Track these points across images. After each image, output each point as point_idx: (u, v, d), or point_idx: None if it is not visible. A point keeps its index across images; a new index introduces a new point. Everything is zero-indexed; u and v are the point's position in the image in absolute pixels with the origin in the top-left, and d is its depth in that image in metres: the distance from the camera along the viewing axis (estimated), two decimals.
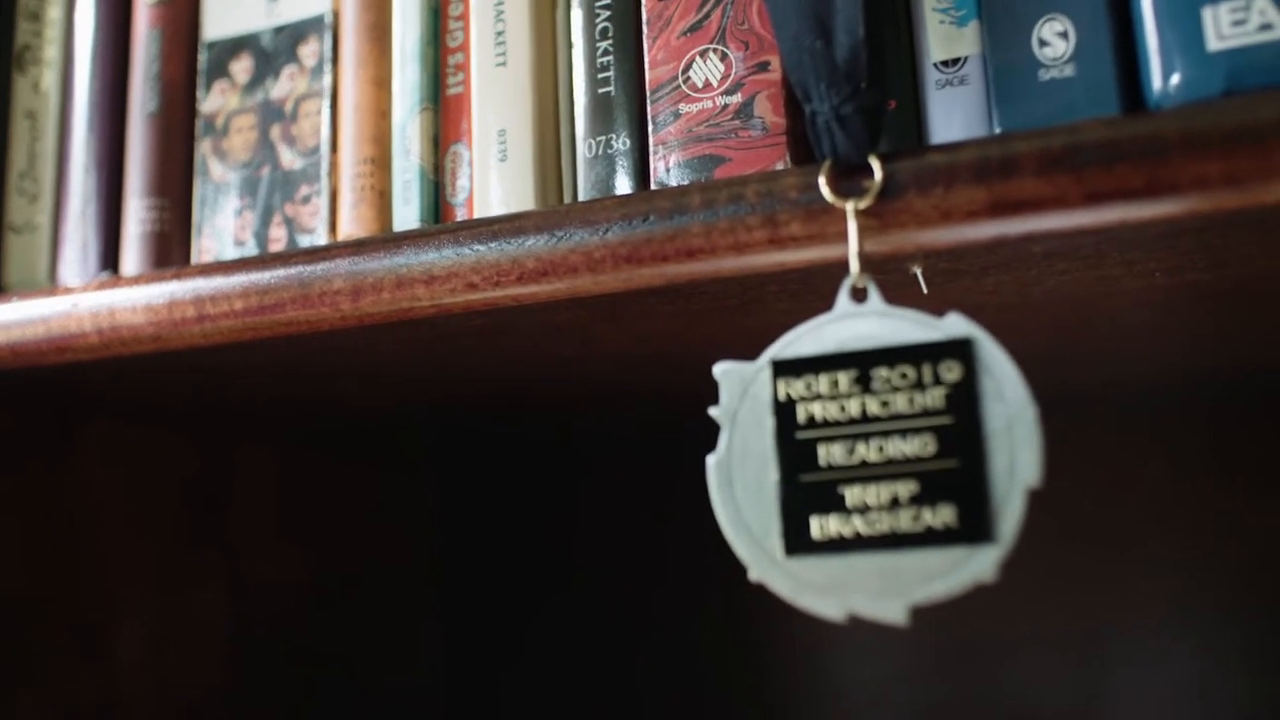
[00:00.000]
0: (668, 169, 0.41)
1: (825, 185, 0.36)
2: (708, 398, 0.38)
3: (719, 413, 0.37)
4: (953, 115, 0.39)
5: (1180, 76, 0.35)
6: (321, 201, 0.48)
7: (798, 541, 0.35)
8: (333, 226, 0.48)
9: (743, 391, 0.37)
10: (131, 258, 0.51)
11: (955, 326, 0.35)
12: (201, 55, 0.52)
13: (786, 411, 0.36)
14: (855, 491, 0.35)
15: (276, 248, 0.49)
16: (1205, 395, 0.75)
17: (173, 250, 0.51)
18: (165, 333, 0.46)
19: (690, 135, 0.41)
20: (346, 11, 0.49)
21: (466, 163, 0.46)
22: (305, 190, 0.49)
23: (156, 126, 0.52)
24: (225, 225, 0.50)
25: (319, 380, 0.62)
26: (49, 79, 0.55)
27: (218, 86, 0.52)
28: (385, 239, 0.43)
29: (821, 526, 0.35)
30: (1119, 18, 0.37)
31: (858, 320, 0.36)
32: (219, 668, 0.71)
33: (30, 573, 0.60)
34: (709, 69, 0.41)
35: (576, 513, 0.93)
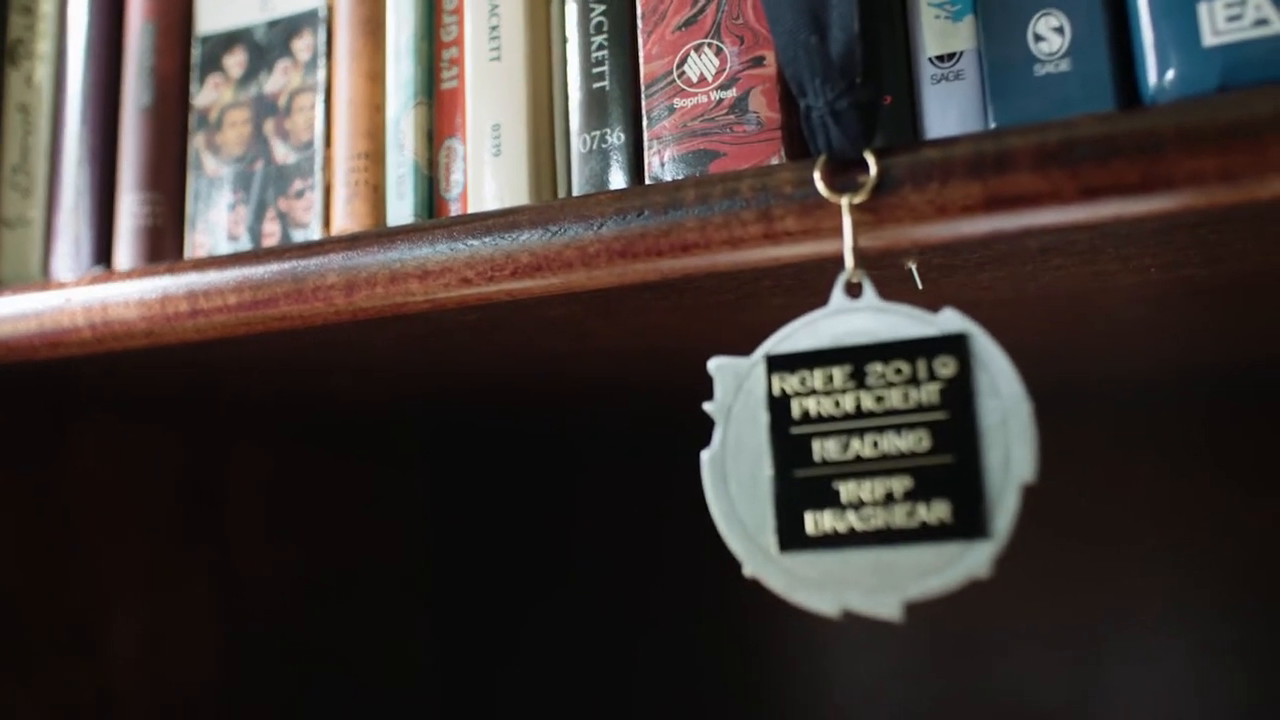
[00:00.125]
0: (662, 164, 0.41)
1: (820, 180, 0.36)
2: (702, 393, 0.38)
3: (713, 408, 0.37)
4: (948, 110, 0.39)
5: (1175, 72, 0.35)
6: (315, 196, 0.48)
7: (792, 537, 0.35)
8: (326, 221, 0.48)
9: (737, 387, 0.37)
10: (124, 252, 0.51)
11: (950, 322, 0.35)
12: (195, 49, 0.52)
13: (781, 407, 0.36)
14: (850, 487, 0.35)
15: (270, 242, 0.49)
16: (1201, 391, 0.75)
17: (166, 245, 0.51)
18: (158, 327, 0.46)
19: (685, 130, 0.41)
20: (340, 6, 0.49)
21: (461, 157, 0.46)
22: (299, 185, 0.49)
23: (150, 120, 0.52)
24: (219, 220, 0.50)
25: (313, 375, 0.62)
26: (42, 73, 0.55)
27: (211, 80, 0.51)
28: (379, 234, 0.42)
29: (816, 522, 0.35)
30: (1114, 13, 0.37)
31: (852, 315, 0.36)
32: (213, 663, 0.71)
33: (23, 568, 0.60)
34: (704, 64, 0.41)
35: (571, 508, 0.93)
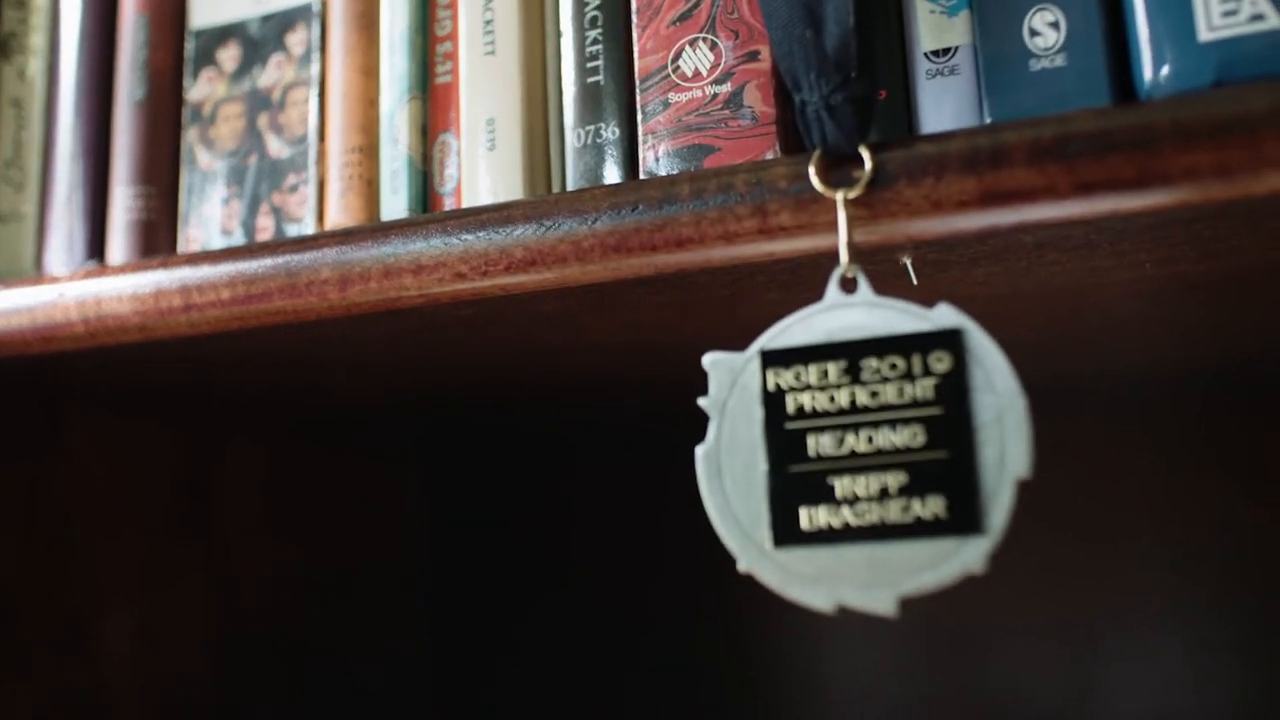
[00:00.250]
0: (657, 158, 0.41)
1: (815, 175, 0.36)
2: (697, 388, 0.37)
3: (708, 403, 0.37)
4: (943, 105, 0.39)
5: (1171, 67, 0.35)
6: (309, 191, 0.48)
7: (786, 532, 0.35)
8: (320, 216, 0.48)
9: (732, 382, 0.36)
10: (118, 247, 0.51)
11: (945, 317, 0.35)
12: (189, 43, 0.52)
13: (775, 402, 0.36)
14: (844, 482, 0.35)
15: (264, 237, 0.49)
16: (1196, 386, 0.75)
17: (159, 239, 0.50)
18: (152, 322, 0.46)
19: (679, 125, 0.41)
20: (334, 0, 0.49)
21: (455, 152, 0.46)
22: (293, 179, 0.48)
23: (143, 115, 0.52)
24: (212, 214, 0.50)
25: (307, 371, 0.61)
26: (35, 66, 0.55)
27: (205, 75, 0.51)
28: (373, 228, 0.42)
29: (810, 517, 0.35)
30: (1110, 8, 0.37)
31: (847, 310, 0.36)
32: (208, 659, 0.71)
33: (17, 564, 0.60)
34: (698, 58, 0.41)
35: (567, 504, 0.93)
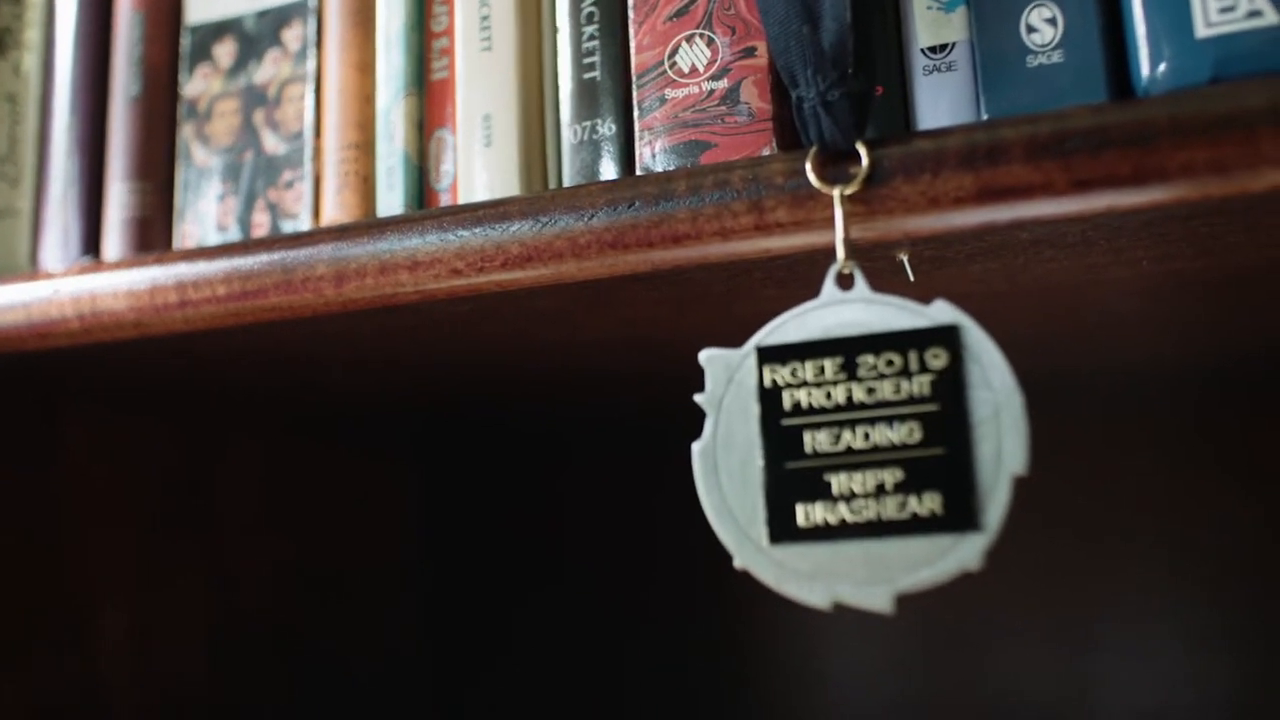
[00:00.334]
0: (653, 154, 0.41)
1: (811, 171, 0.36)
2: (694, 384, 0.37)
3: (704, 400, 0.37)
4: (940, 102, 0.39)
5: (1168, 63, 0.35)
6: (305, 187, 0.48)
7: (783, 529, 0.35)
8: (316, 212, 0.48)
9: (728, 378, 0.36)
10: (113, 242, 0.51)
11: (942, 313, 0.35)
12: (184, 39, 0.52)
13: (772, 398, 0.36)
14: (841, 479, 0.35)
15: (260, 233, 0.48)
16: (1194, 383, 0.75)
17: (155, 235, 0.50)
18: (147, 318, 0.46)
19: (676, 121, 0.41)
20: None
21: (451, 148, 0.45)
22: (289, 175, 0.48)
23: (139, 110, 0.51)
24: (208, 210, 0.50)
25: (303, 368, 0.61)
26: (30, 62, 0.55)
27: (201, 70, 0.51)
28: (369, 224, 0.42)
29: (807, 514, 0.35)
30: (1107, 4, 0.37)
31: (844, 307, 0.36)
32: (203, 656, 0.71)
33: (12, 561, 0.59)
34: (695, 54, 0.41)
35: (563, 500, 0.93)
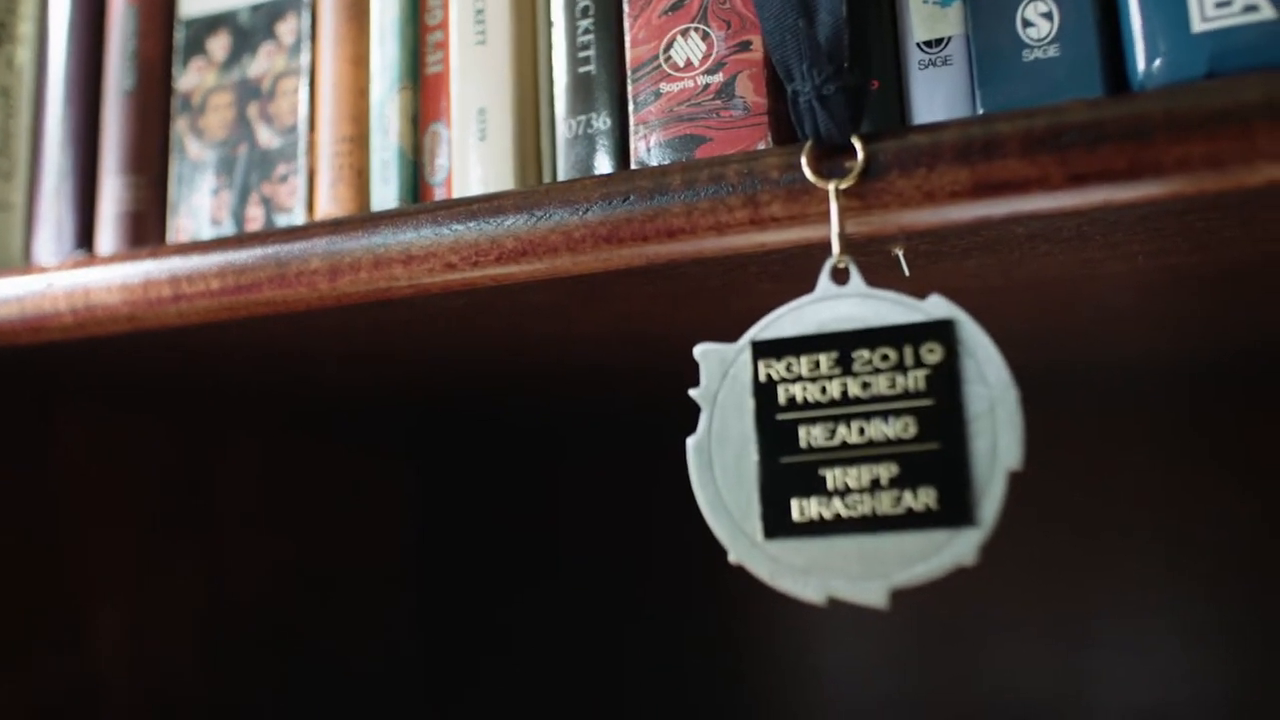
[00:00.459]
0: (648, 149, 0.41)
1: (807, 165, 0.36)
2: (689, 379, 0.37)
3: (699, 394, 0.37)
4: (935, 96, 0.39)
5: (1164, 58, 0.35)
6: (299, 181, 0.48)
7: (777, 524, 0.35)
8: (310, 206, 0.48)
9: (723, 373, 0.36)
10: (107, 236, 0.50)
11: (937, 308, 0.35)
12: (178, 32, 0.52)
13: (767, 393, 0.36)
14: (836, 473, 0.35)
15: (253, 227, 0.48)
16: (1189, 378, 0.75)
17: (149, 229, 0.50)
18: (141, 312, 0.45)
19: (671, 115, 0.40)
20: None
21: (445, 142, 0.45)
22: (283, 169, 0.48)
23: (133, 104, 0.51)
24: (202, 204, 0.50)
25: (297, 362, 0.61)
26: (24, 55, 0.54)
27: (195, 64, 0.51)
28: (363, 218, 0.42)
29: (801, 509, 0.35)
30: None
31: (839, 302, 0.36)
32: (200, 653, 0.71)
33: (8, 558, 0.59)
34: (690, 48, 0.41)
35: (558, 495, 0.92)
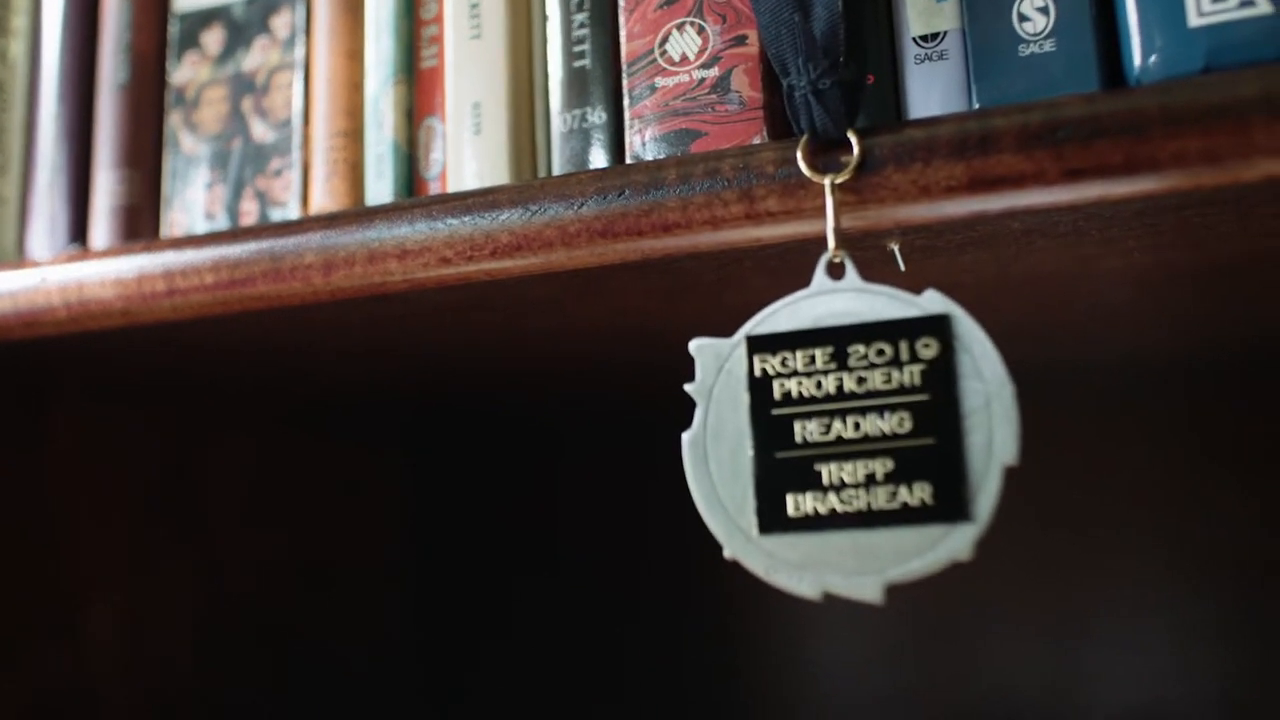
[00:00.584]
0: (644, 143, 0.40)
1: (802, 160, 0.36)
2: (684, 374, 0.37)
3: (694, 389, 0.36)
4: (931, 90, 0.39)
5: (1160, 53, 0.35)
6: (293, 175, 0.48)
7: (773, 519, 0.35)
8: (304, 200, 0.47)
9: (718, 367, 0.36)
10: (100, 231, 0.50)
11: (932, 303, 0.35)
12: (172, 26, 0.51)
13: (762, 388, 0.36)
14: (831, 469, 0.35)
15: (248, 221, 0.48)
16: (1185, 374, 0.76)
17: (142, 223, 0.50)
18: (134, 307, 0.45)
19: (666, 109, 0.40)
20: None
21: (440, 136, 0.45)
22: (277, 163, 0.48)
23: (126, 98, 0.51)
24: (196, 198, 0.49)
25: (292, 357, 0.61)
26: (17, 49, 0.54)
27: (189, 58, 0.51)
28: (357, 213, 0.42)
29: (797, 504, 0.35)
30: None
31: (834, 296, 0.36)
32: (193, 649, 0.70)
33: (1, 554, 0.59)
34: (686, 42, 0.40)
35: (553, 490, 0.92)
